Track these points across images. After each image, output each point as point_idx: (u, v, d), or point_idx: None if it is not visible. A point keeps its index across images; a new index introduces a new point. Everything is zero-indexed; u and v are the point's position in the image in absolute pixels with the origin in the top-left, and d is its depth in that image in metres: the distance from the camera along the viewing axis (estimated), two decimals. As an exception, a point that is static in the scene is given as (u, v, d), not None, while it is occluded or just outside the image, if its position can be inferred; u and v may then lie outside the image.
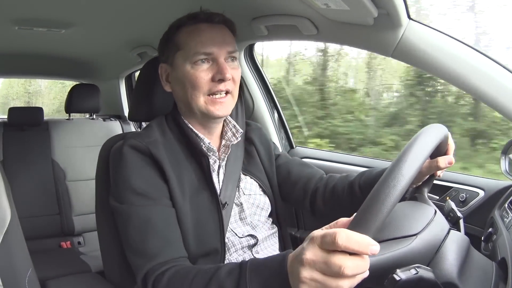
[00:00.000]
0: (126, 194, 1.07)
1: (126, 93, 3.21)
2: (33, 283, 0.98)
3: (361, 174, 1.24)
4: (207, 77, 1.11)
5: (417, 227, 0.83)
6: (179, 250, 1.05)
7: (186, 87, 1.13)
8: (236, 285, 0.83)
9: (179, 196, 1.10)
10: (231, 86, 1.14)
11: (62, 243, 2.61)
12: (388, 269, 0.76)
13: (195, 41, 1.12)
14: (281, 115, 2.20)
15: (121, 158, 1.11)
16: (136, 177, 1.08)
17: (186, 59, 1.12)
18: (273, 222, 1.31)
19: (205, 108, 1.13)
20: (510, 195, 1.22)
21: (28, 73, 3.27)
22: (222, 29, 1.16)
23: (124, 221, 1.07)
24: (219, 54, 1.12)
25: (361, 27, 1.25)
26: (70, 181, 2.65)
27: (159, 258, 1.00)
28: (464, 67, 1.14)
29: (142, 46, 2.27)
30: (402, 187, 0.70)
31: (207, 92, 1.12)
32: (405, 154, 0.74)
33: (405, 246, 0.80)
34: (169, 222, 1.07)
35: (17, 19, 1.83)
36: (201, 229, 1.11)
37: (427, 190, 1.05)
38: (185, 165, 1.15)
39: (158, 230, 1.04)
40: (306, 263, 0.68)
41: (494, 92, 1.12)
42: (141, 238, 1.03)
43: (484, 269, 0.85)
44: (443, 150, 1.01)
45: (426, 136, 0.80)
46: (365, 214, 0.68)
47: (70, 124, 2.78)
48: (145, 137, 1.14)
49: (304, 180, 1.33)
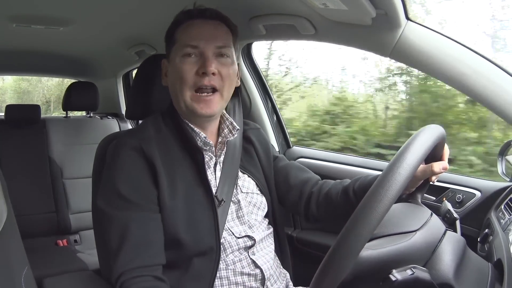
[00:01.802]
0: (113, 197, 1.09)
1: (123, 91, 3.21)
2: (29, 281, 0.97)
3: (356, 179, 1.24)
4: (192, 70, 1.11)
5: (416, 224, 0.84)
6: (153, 257, 1.07)
7: (175, 81, 1.14)
8: None
9: (168, 196, 1.10)
10: (217, 82, 1.12)
11: (58, 241, 2.61)
12: (388, 263, 0.76)
13: (186, 34, 1.13)
14: (279, 115, 2.20)
15: (113, 158, 1.12)
16: (124, 180, 1.09)
17: (177, 53, 1.14)
18: (269, 222, 1.31)
19: (191, 105, 1.12)
20: (507, 197, 1.22)
21: (25, 71, 3.27)
22: (215, 25, 1.16)
23: (106, 223, 1.09)
24: (206, 48, 1.11)
25: (359, 27, 1.25)
26: (67, 179, 2.64)
27: (130, 264, 1.03)
28: (461, 68, 1.14)
29: (139, 44, 2.27)
30: (401, 183, 0.70)
31: (192, 86, 1.11)
32: (401, 155, 0.74)
33: (405, 241, 0.80)
34: (148, 229, 1.08)
35: (15, 16, 1.82)
36: (195, 226, 1.11)
37: (421, 196, 1.06)
38: (179, 161, 1.15)
39: (135, 236, 1.05)
40: None
41: (491, 93, 1.12)
42: (118, 242, 1.05)
43: (480, 270, 0.86)
44: (439, 154, 1.01)
45: (423, 137, 0.80)
46: (363, 212, 0.69)
47: (67, 122, 2.78)
48: (139, 134, 1.15)
49: (301, 185, 1.33)
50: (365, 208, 0.69)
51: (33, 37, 2.26)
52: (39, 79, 10.44)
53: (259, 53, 4.80)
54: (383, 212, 0.68)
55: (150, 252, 1.06)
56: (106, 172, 1.14)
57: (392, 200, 0.69)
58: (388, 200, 0.69)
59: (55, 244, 2.60)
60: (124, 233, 1.05)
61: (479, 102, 1.17)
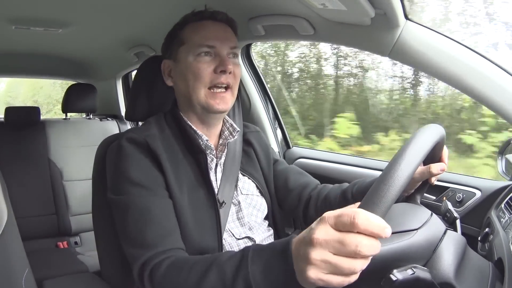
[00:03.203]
0: (124, 185, 1.07)
1: (123, 93, 3.21)
2: (30, 283, 0.97)
3: (354, 183, 1.25)
4: (209, 68, 1.14)
5: (416, 223, 0.84)
6: (177, 241, 1.04)
7: (188, 79, 1.15)
8: (237, 267, 0.80)
9: (176, 189, 1.10)
10: (231, 80, 1.16)
11: (58, 243, 2.61)
12: (389, 261, 0.76)
13: (199, 35, 1.15)
14: (278, 115, 2.20)
15: (119, 151, 1.11)
16: (134, 168, 1.08)
17: (189, 52, 1.15)
18: (269, 224, 1.32)
19: (205, 101, 1.14)
20: (507, 196, 1.22)
21: (25, 73, 3.26)
22: (225, 27, 1.20)
23: (122, 213, 1.06)
24: (221, 48, 1.15)
25: (358, 27, 1.25)
26: (67, 181, 2.64)
27: (158, 247, 0.99)
28: (461, 67, 1.14)
29: (139, 45, 2.27)
30: (404, 179, 0.70)
31: (208, 83, 1.14)
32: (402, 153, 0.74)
33: (407, 239, 0.80)
34: (167, 213, 1.07)
35: (14, 18, 1.82)
36: (198, 225, 1.11)
37: (419, 198, 1.06)
38: (182, 162, 1.16)
39: (157, 220, 1.03)
40: (317, 243, 0.65)
41: (491, 93, 1.12)
42: (139, 228, 1.02)
43: (481, 269, 0.86)
44: (438, 155, 1.01)
45: (424, 135, 0.80)
46: (376, 195, 0.68)
47: (67, 123, 2.78)
48: (143, 131, 1.15)
49: (300, 188, 1.34)
50: (367, 205, 0.68)
51: (32, 39, 2.26)
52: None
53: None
54: (384, 210, 0.68)
55: (174, 236, 1.04)
56: (112, 167, 1.13)
57: (395, 196, 0.69)
58: (390, 196, 0.69)
59: (56, 246, 2.60)
60: (145, 217, 1.03)
61: (478, 102, 1.17)
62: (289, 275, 0.72)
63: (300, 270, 0.69)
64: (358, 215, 0.63)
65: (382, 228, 0.63)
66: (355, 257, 0.64)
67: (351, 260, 0.64)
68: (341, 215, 0.64)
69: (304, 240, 0.69)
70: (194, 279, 0.86)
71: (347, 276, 0.65)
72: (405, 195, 1.07)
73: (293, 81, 4.57)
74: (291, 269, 0.71)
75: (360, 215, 0.63)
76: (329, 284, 0.66)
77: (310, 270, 0.66)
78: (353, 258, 0.64)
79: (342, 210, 0.66)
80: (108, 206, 1.13)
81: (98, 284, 1.37)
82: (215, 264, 0.85)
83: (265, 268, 0.77)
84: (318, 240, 0.65)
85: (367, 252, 0.63)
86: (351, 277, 0.65)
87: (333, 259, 0.64)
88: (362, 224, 0.62)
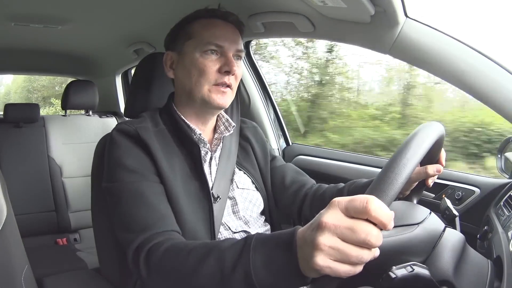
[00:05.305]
0: (117, 172, 1.07)
1: (122, 90, 3.20)
2: (29, 280, 0.97)
3: (351, 183, 1.25)
4: (214, 67, 1.14)
5: (417, 218, 0.84)
6: (173, 224, 1.03)
7: (192, 73, 1.15)
8: (238, 255, 0.78)
9: (171, 177, 1.10)
10: (233, 81, 1.17)
11: (58, 240, 2.62)
12: (389, 255, 0.76)
13: (209, 32, 1.16)
14: (278, 112, 2.20)
15: (110, 142, 1.12)
16: (126, 156, 1.09)
17: (196, 47, 1.15)
18: (266, 220, 1.32)
19: (208, 96, 1.15)
20: (506, 193, 1.22)
21: (24, 70, 3.26)
22: (234, 29, 1.21)
23: (116, 199, 1.05)
24: (229, 49, 1.16)
25: (358, 25, 1.24)
26: (66, 177, 2.64)
27: (152, 229, 0.97)
28: (460, 65, 1.14)
29: (138, 42, 2.27)
30: (418, 157, 0.71)
31: (212, 82, 1.15)
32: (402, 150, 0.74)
33: (408, 232, 0.80)
34: (161, 198, 1.06)
35: (13, 15, 1.82)
36: (191, 217, 1.11)
37: (416, 199, 1.06)
38: (176, 153, 1.16)
39: (150, 204, 1.02)
40: (326, 227, 0.62)
41: (491, 90, 1.12)
42: (133, 212, 1.01)
43: (480, 267, 0.86)
44: (436, 155, 1.01)
45: (424, 132, 0.80)
46: (384, 182, 0.68)
47: (66, 120, 2.77)
48: (136, 123, 1.16)
49: (296, 187, 1.34)
50: (375, 191, 0.68)
51: (32, 36, 2.26)
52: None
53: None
54: (391, 198, 0.68)
55: (169, 219, 1.03)
56: (107, 156, 1.13)
57: (401, 184, 0.69)
58: (397, 184, 0.68)
59: (55, 243, 2.61)
60: (139, 201, 1.02)
61: (478, 100, 1.17)
62: (293, 266, 0.70)
63: (306, 257, 0.66)
64: (371, 201, 0.61)
65: (390, 219, 0.62)
66: (363, 246, 0.62)
67: (359, 248, 0.62)
68: (354, 200, 0.63)
69: (311, 226, 0.67)
70: (192, 263, 0.84)
71: (354, 265, 0.63)
72: (402, 197, 1.07)
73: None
74: (294, 260, 0.69)
75: (374, 201, 0.61)
76: (335, 272, 0.63)
77: (318, 256, 0.63)
78: (361, 247, 0.62)
79: (354, 196, 0.64)
80: (106, 201, 1.13)
81: (97, 280, 1.37)
82: (215, 249, 0.82)
83: (268, 258, 0.75)
84: (327, 224, 0.63)
85: (375, 242, 0.61)
86: (357, 267, 0.64)
87: (342, 245, 0.62)
88: (374, 211, 0.61)
